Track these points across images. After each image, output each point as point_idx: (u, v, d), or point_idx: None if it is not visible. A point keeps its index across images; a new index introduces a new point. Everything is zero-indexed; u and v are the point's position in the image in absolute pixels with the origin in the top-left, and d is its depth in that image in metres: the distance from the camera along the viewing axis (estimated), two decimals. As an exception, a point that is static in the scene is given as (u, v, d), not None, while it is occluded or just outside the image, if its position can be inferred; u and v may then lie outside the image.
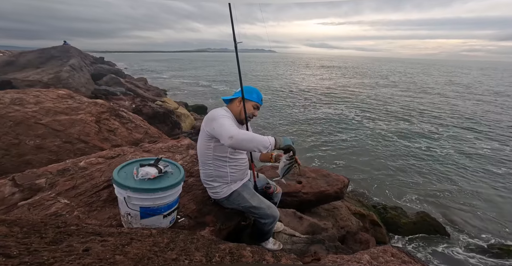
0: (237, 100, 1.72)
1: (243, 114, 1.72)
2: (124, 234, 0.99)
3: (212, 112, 1.64)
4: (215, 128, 1.49)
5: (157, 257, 0.87)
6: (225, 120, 1.51)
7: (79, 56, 10.48)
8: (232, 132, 1.36)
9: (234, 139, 1.34)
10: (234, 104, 1.74)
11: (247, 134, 1.41)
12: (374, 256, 1.15)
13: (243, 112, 1.71)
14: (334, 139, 9.39)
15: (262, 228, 1.83)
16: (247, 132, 1.46)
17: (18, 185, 1.77)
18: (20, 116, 2.99)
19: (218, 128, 1.47)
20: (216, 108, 1.72)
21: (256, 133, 1.48)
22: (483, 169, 7.24)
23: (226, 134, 1.37)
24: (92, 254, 0.69)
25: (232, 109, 1.74)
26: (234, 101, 1.74)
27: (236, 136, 1.34)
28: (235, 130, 1.40)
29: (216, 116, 1.55)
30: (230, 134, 1.35)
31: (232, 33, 1.75)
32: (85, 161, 2.16)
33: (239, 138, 1.34)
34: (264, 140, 1.40)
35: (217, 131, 1.48)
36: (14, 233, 0.68)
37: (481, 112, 14.32)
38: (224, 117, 1.54)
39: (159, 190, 1.40)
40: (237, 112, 1.73)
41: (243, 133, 1.39)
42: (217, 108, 1.70)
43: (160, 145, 2.83)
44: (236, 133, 1.35)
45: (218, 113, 1.58)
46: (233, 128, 1.41)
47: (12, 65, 8.25)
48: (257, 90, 1.79)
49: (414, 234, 3.86)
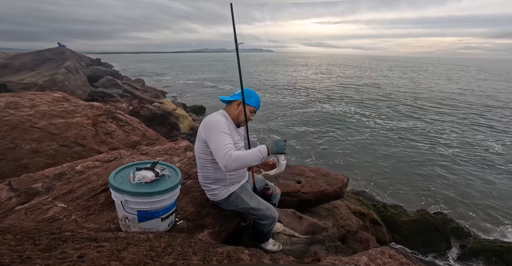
0: (236, 103, 1.71)
1: (240, 118, 1.72)
2: (121, 239, 0.98)
3: (210, 120, 1.61)
4: (211, 146, 1.53)
5: (154, 262, 0.86)
6: (223, 139, 1.49)
7: (74, 58, 10.41)
8: (226, 162, 1.41)
9: (229, 168, 1.42)
10: (232, 106, 1.73)
11: (240, 159, 1.42)
12: (372, 258, 1.14)
13: (240, 116, 1.71)
14: (333, 138, 9.41)
15: (262, 229, 1.83)
16: (241, 156, 1.43)
17: (15, 189, 1.75)
18: (16, 120, 2.97)
19: (214, 151, 1.51)
20: (214, 112, 1.71)
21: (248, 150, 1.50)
22: (486, 165, 7.27)
23: (221, 163, 1.43)
24: (87, 261, 0.68)
25: (229, 112, 1.73)
26: (233, 103, 1.73)
27: (229, 166, 1.41)
28: (229, 158, 1.40)
29: (213, 128, 1.54)
30: (223, 164, 1.42)
31: (233, 33, 1.72)
32: (82, 165, 2.15)
33: (232, 167, 1.42)
34: (256, 157, 1.46)
35: (213, 151, 1.52)
36: (7, 241, 0.67)
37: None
38: (221, 134, 1.51)
39: (156, 193, 1.40)
40: (235, 115, 1.72)
41: (237, 159, 1.41)
42: (215, 114, 1.68)
43: (158, 147, 2.82)
44: (230, 162, 1.40)
45: (216, 125, 1.55)
46: (227, 156, 1.41)
47: (6, 68, 8.18)
48: (256, 95, 1.78)
49: (414, 232, 3.86)
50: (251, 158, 1.45)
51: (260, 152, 1.47)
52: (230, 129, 1.62)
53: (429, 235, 3.86)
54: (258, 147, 1.51)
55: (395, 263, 1.11)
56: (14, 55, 9.82)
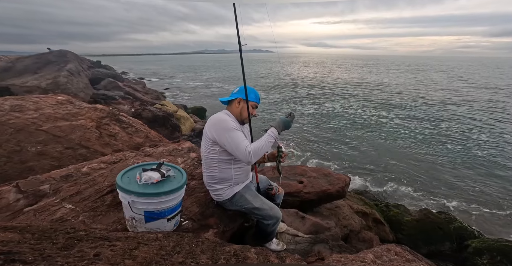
0: (236, 102, 1.74)
1: (243, 115, 1.75)
2: (131, 239, 1.01)
3: (217, 119, 1.65)
4: (227, 145, 1.58)
5: (165, 260, 0.89)
6: (237, 136, 1.57)
7: (76, 60, 10.46)
8: (247, 159, 1.51)
9: (253, 161, 1.53)
10: (233, 105, 1.76)
11: (258, 150, 1.54)
12: (378, 255, 1.16)
13: (243, 113, 1.75)
14: (334, 137, 9.42)
15: (265, 229, 1.85)
16: (259, 146, 1.56)
17: (22, 191, 1.78)
18: (21, 123, 3.00)
19: (232, 150, 1.58)
20: (218, 112, 1.74)
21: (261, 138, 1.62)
22: (487, 164, 7.28)
23: (245, 159, 1.53)
24: (103, 259, 0.71)
25: (232, 111, 1.76)
26: (233, 102, 1.76)
27: (252, 161, 1.53)
28: (249, 153, 1.51)
29: (226, 128, 1.59)
30: (247, 161, 1.53)
31: (236, 34, 1.76)
32: (88, 167, 2.18)
33: (254, 160, 1.54)
34: (269, 142, 1.59)
35: (230, 149, 1.58)
36: (26, 240, 0.70)
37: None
38: (234, 130, 1.59)
39: (162, 194, 1.42)
40: (237, 113, 1.75)
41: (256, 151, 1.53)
42: (220, 114, 1.71)
43: (161, 149, 2.85)
44: (252, 158, 1.52)
45: (226, 125, 1.60)
46: (248, 152, 1.52)
47: (9, 71, 8.24)
48: (254, 90, 1.81)
49: (418, 231, 3.85)
50: (266, 144, 1.58)
51: (271, 136, 1.61)
52: (237, 126, 1.67)
53: (432, 234, 3.85)
54: (268, 132, 1.64)
55: (401, 260, 1.12)
56: (16, 58, 9.88)
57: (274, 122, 1.70)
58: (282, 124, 1.69)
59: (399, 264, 1.07)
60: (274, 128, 1.67)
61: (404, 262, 1.10)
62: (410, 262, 1.11)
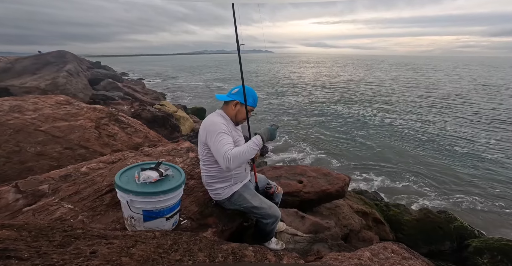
0: (233, 104, 1.72)
1: (238, 117, 1.75)
2: (129, 237, 1.01)
3: (207, 122, 1.63)
4: (212, 148, 1.56)
5: (162, 258, 0.89)
6: (220, 140, 1.52)
7: (75, 61, 10.45)
8: (227, 163, 1.44)
9: (231, 168, 1.46)
10: (229, 107, 1.74)
11: (238, 156, 1.46)
12: (375, 252, 1.17)
13: (238, 115, 1.74)
14: (334, 136, 9.42)
15: (264, 228, 1.85)
16: (240, 153, 1.47)
17: (22, 191, 1.78)
18: (20, 124, 3.01)
19: (214, 152, 1.54)
20: (212, 113, 1.74)
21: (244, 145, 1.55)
22: (489, 163, 7.28)
23: (223, 164, 1.47)
24: (99, 256, 0.71)
25: (227, 112, 1.75)
26: (230, 103, 1.74)
27: (232, 166, 1.45)
28: (229, 159, 1.44)
29: (214, 131, 1.55)
30: (225, 166, 1.46)
31: (234, 35, 1.73)
32: (87, 167, 2.18)
33: (234, 166, 1.47)
34: (253, 150, 1.52)
35: (213, 153, 1.55)
36: (23, 237, 0.70)
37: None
38: (219, 134, 1.54)
39: (160, 193, 1.43)
40: (233, 114, 1.74)
41: (237, 158, 1.46)
42: (212, 115, 1.70)
43: (160, 148, 2.85)
44: (231, 164, 1.44)
45: (213, 128, 1.57)
46: (227, 157, 1.44)
47: (8, 72, 8.24)
48: (253, 93, 1.79)
49: (418, 231, 3.85)
50: (249, 151, 1.51)
51: (255, 144, 1.54)
52: (229, 128, 1.65)
53: (433, 234, 3.84)
54: (252, 139, 1.57)
55: (397, 258, 1.13)
56: (15, 59, 9.88)
57: (261, 130, 1.64)
58: (268, 133, 1.62)
59: (395, 262, 1.07)
60: (259, 136, 1.59)
61: (401, 260, 1.10)
62: (407, 259, 1.12)
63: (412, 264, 1.06)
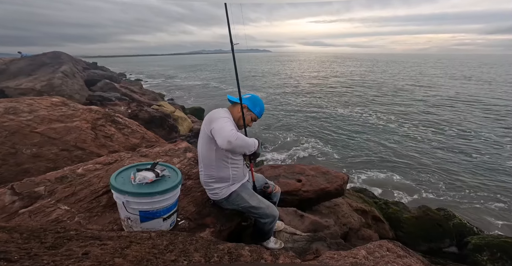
0: (239, 107, 1.72)
1: (240, 122, 1.75)
2: (124, 238, 1.00)
3: (214, 112, 1.66)
4: (215, 128, 1.51)
5: (156, 259, 0.88)
6: (226, 122, 1.53)
7: (70, 62, 10.39)
8: (231, 137, 1.41)
9: (232, 144, 1.41)
10: (236, 108, 1.75)
11: (244, 140, 1.50)
12: (370, 251, 1.17)
13: (241, 120, 1.74)
14: (333, 135, 9.43)
15: (263, 227, 1.85)
16: (244, 138, 1.53)
17: (18, 193, 1.77)
18: (15, 125, 2.98)
19: (217, 130, 1.49)
20: (218, 109, 1.73)
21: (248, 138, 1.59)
22: (488, 160, 7.30)
23: (226, 138, 1.41)
24: (91, 257, 0.70)
25: (232, 112, 1.74)
26: (237, 105, 1.74)
27: (234, 142, 1.41)
28: (235, 135, 1.44)
29: (217, 116, 1.58)
30: (229, 139, 1.40)
31: (228, 34, 1.73)
32: (83, 168, 2.17)
33: (236, 144, 1.42)
34: (251, 146, 1.58)
35: (216, 131, 1.50)
36: (14, 239, 0.69)
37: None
38: (225, 118, 1.57)
39: (156, 194, 1.42)
40: (236, 117, 1.74)
41: (241, 139, 1.47)
42: (218, 109, 1.71)
43: (158, 149, 2.84)
44: (235, 139, 1.42)
45: (220, 114, 1.61)
46: (233, 133, 1.44)
47: (3, 73, 8.18)
48: (261, 103, 1.81)
49: (417, 229, 3.85)
50: (250, 143, 1.57)
51: (255, 144, 1.62)
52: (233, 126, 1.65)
53: (432, 231, 3.84)
54: (254, 140, 1.64)
55: (392, 256, 1.13)
56: (10, 60, 9.81)
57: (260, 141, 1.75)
58: (261, 147, 1.74)
59: (390, 260, 1.07)
60: (257, 141, 1.68)
61: (396, 258, 1.10)
62: (401, 257, 1.12)
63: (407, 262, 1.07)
